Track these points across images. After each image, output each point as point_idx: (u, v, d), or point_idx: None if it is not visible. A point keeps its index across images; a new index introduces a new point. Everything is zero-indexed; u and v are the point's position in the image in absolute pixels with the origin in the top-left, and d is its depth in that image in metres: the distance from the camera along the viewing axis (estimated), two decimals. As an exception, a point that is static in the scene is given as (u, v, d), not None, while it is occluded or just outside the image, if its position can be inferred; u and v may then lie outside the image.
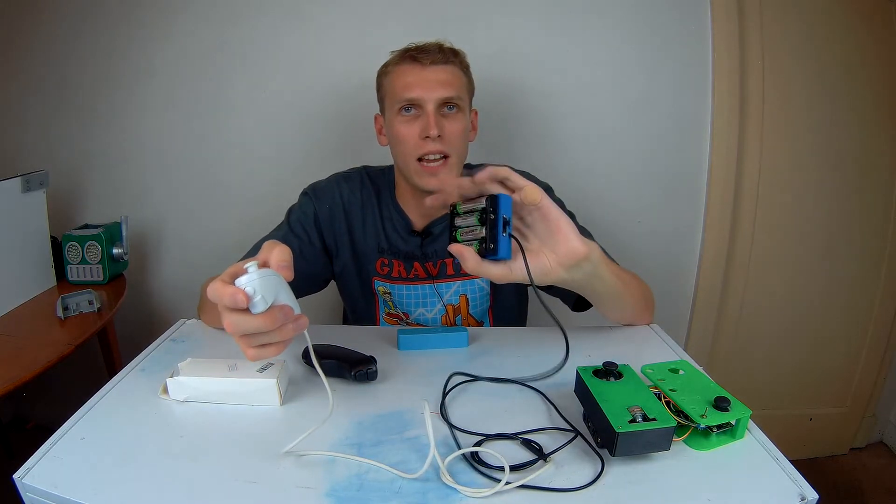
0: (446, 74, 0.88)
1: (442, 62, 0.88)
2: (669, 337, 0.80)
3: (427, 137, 0.86)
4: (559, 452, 0.53)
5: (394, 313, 1.01)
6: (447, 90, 0.87)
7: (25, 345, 1.03)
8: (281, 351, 0.51)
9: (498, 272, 0.60)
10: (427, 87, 0.86)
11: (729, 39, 1.38)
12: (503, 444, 0.55)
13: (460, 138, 0.90)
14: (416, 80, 0.87)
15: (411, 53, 0.88)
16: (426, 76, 0.86)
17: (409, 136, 0.88)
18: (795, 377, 1.66)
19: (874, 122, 1.47)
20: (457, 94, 0.88)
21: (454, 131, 0.88)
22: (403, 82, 0.87)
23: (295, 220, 0.95)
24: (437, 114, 0.86)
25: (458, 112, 0.89)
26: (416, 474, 0.49)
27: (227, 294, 0.47)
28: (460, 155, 0.91)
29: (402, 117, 0.88)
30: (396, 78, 0.89)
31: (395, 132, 0.89)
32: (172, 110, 1.44)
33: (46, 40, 1.41)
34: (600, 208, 1.45)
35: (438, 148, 0.87)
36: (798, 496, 0.47)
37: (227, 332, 0.49)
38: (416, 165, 0.88)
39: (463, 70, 0.92)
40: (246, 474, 0.50)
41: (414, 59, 0.87)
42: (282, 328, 0.49)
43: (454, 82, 0.88)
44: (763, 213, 1.51)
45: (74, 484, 0.48)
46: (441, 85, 0.86)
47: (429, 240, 0.96)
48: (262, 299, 0.47)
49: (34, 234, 1.27)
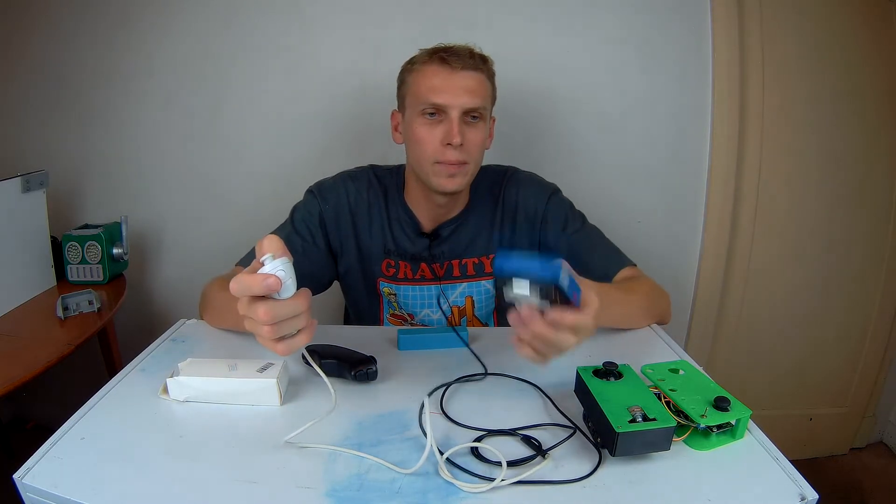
0: (474, 82, 0.86)
1: (472, 68, 0.85)
2: (669, 337, 0.80)
3: (449, 144, 0.85)
4: (557, 448, 0.53)
5: (398, 314, 1.00)
6: (474, 99, 0.85)
7: (25, 345, 1.03)
8: (309, 339, 0.51)
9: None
10: (454, 94, 0.84)
11: (729, 39, 1.38)
12: (502, 440, 0.55)
13: (480, 148, 0.89)
14: (443, 84, 0.84)
15: (441, 55, 0.85)
16: (455, 82, 0.84)
17: (430, 140, 0.86)
18: (795, 377, 1.66)
19: (874, 122, 1.47)
20: (482, 103, 0.86)
21: (475, 141, 0.87)
22: (430, 84, 0.85)
23: (299, 220, 0.94)
24: (460, 122, 0.85)
25: (480, 121, 0.88)
26: (414, 468, 0.49)
27: (258, 281, 0.47)
28: (477, 163, 0.91)
29: (423, 119, 0.87)
30: (423, 78, 0.86)
31: (415, 133, 0.88)
32: (172, 110, 1.44)
33: (46, 40, 1.41)
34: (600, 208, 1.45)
35: (458, 157, 0.86)
36: (798, 496, 0.47)
37: (255, 326, 0.49)
38: (433, 167, 0.87)
39: (489, 78, 0.90)
40: (246, 474, 0.50)
41: (443, 61, 0.85)
42: (308, 311, 0.50)
43: (481, 91, 0.86)
44: (763, 214, 1.51)
45: (74, 484, 0.48)
46: (468, 93, 0.85)
47: (437, 241, 0.96)
48: (292, 282, 0.49)
49: (34, 234, 1.27)
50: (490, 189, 0.99)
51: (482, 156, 0.92)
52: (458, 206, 0.97)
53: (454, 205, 0.96)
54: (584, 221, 0.99)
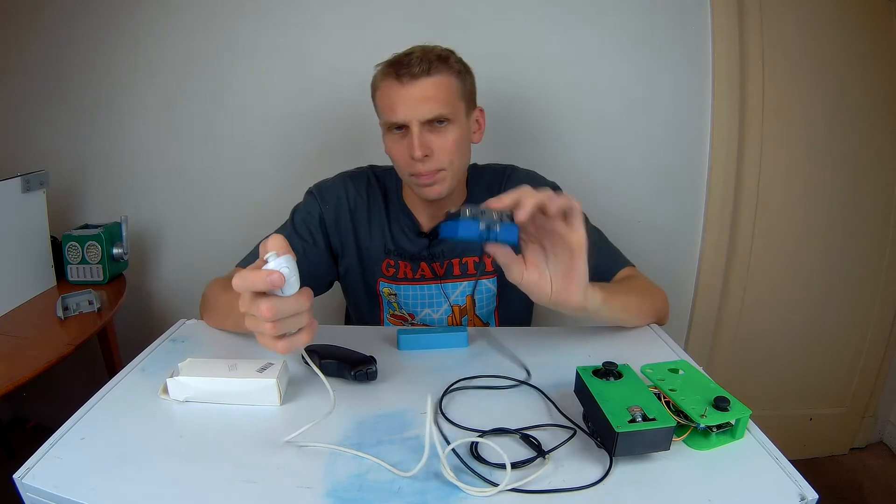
0: (431, 89, 0.82)
1: (424, 75, 0.81)
2: (669, 337, 0.80)
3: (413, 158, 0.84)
4: (559, 450, 0.53)
5: (398, 314, 1.00)
6: (431, 108, 0.82)
7: (25, 345, 1.03)
8: (310, 339, 0.52)
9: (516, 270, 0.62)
10: (409, 107, 0.82)
11: (729, 39, 1.38)
12: (502, 440, 0.55)
13: (453, 151, 0.86)
14: (398, 100, 0.83)
15: (395, 69, 0.83)
16: (409, 94, 0.82)
17: (400, 154, 0.86)
18: (795, 377, 1.66)
19: (874, 122, 1.47)
20: (442, 109, 0.83)
21: (444, 146, 0.85)
22: (387, 102, 0.84)
23: (299, 221, 0.94)
24: (423, 132, 0.83)
25: (448, 124, 0.85)
26: (414, 470, 0.49)
27: (261, 277, 0.47)
28: (456, 165, 0.88)
29: (392, 135, 0.87)
30: (382, 96, 0.86)
31: (388, 149, 0.89)
32: (173, 110, 1.44)
33: (47, 40, 1.41)
34: (600, 208, 1.45)
35: (427, 168, 0.85)
36: (798, 496, 0.47)
37: (257, 323, 0.49)
38: (409, 178, 0.88)
39: (454, 75, 0.85)
40: (246, 474, 0.50)
41: (396, 76, 0.82)
42: (311, 310, 0.50)
43: (439, 96, 0.83)
44: (763, 213, 1.51)
45: (74, 484, 0.48)
46: (424, 102, 0.82)
47: (437, 241, 0.96)
48: (295, 280, 0.49)
49: (34, 234, 1.27)
50: (489, 188, 0.98)
51: (464, 155, 0.90)
52: (455, 206, 0.97)
53: (450, 205, 0.96)
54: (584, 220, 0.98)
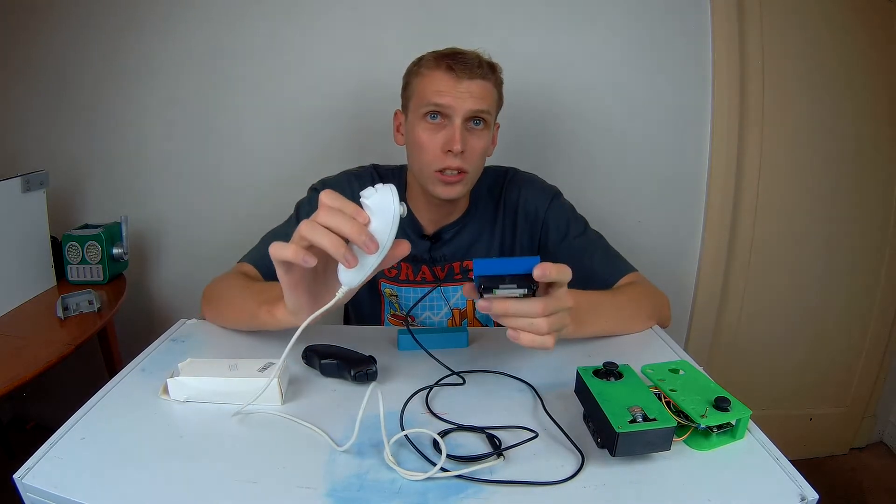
0: (481, 90, 0.85)
1: (479, 77, 0.84)
2: (669, 337, 0.79)
3: (449, 151, 0.84)
4: (518, 450, 0.53)
5: (399, 315, 1.00)
6: (478, 102, 0.84)
7: (25, 345, 1.03)
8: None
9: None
10: (459, 97, 0.83)
11: (729, 39, 1.38)
12: (467, 437, 0.56)
13: (480, 156, 0.88)
14: (449, 89, 0.84)
15: (448, 62, 0.84)
16: (462, 87, 0.84)
17: (431, 146, 0.85)
18: (795, 377, 1.66)
19: (874, 122, 1.47)
20: (487, 107, 0.85)
21: (476, 148, 0.86)
22: (435, 89, 0.84)
23: (305, 216, 0.94)
24: (463, 127, 0.84)
25: (483, 128, 0.87)
26: (346, 445, 0.52)
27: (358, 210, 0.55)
28: (477, 171, 0.90)
29: (426, 123, 0.86)
30: (427, 83, 0.86)
31: (417, 138, 0.87)
32: (173, 110, 1.44)
33: (47, 41, 1.41)
34: (600, 208, 1.45)
35: (458, 164, 0.85)
36: (798, 496, 0.47)
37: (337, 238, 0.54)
38: (432, 175, 0.87)
39: (496, 86, 0.89)
40: (246, 474, 0.50)
41: (450, 69, 0.84)
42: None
43: (486, 97, 0.86)
44: (763, 213, 1.51)
45: (74, 484, 0.48)
46: (473, 97, 0.84)
47: (439, 244, 0.96)
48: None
49: (34, 234, 1.27)
50: (490, 190, 0.98)
51: (483, 163, 0.91)
52: (459, 210, 0.97)
53: (455, 208, 0.96)
54: (585, 227, 0.98)
